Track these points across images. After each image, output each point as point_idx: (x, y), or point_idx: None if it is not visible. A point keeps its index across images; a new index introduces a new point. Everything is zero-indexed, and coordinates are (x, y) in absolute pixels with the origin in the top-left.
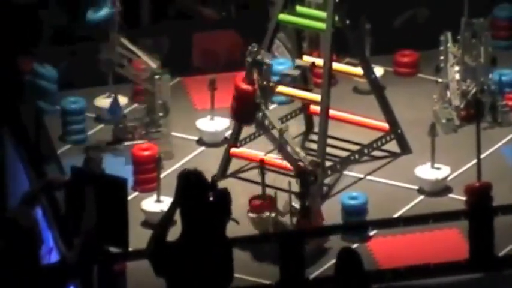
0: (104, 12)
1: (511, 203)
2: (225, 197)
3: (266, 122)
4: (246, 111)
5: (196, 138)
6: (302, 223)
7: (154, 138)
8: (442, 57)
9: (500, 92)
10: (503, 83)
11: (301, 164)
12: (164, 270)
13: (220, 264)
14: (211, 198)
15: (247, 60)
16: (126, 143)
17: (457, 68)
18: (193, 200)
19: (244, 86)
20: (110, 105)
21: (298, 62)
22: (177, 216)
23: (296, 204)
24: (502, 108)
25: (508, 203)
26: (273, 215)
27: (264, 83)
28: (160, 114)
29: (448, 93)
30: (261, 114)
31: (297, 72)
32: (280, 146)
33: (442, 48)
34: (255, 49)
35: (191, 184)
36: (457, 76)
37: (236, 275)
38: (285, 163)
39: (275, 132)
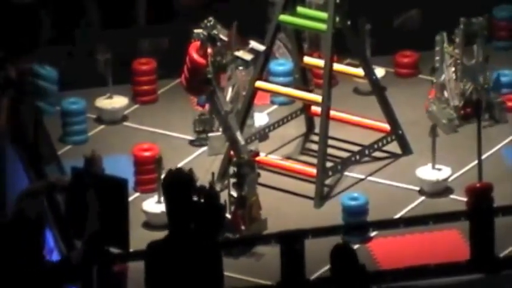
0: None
1: (511, 204)
2: (211, 197)
3: (216, 100)
4: (194, 82)
5: (194, 138)
6: (238, 213)
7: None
8: (437, 58)
9: (496, 91)
10: (503, 84)
11: (239, 153)
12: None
13: (207, 268)
14: (200, 200)
15: (203, 33)
16: (210, 134)
17: (453, 68)
18: (175, 199)
19: (197, 57)
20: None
21: (252, 44)
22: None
23: (234, 193)
24: (499, 106)
25: (508, 204)
26: None
27: (217, 59)
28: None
29: (446, 93)
30: (211, 89)
31: (249, 57)
32: (225, 128)
33: (437, 48)
34: (211, 23)
35: (172, 182)
36: (453, 76)
37: (236, 276)
38: (283, 163)
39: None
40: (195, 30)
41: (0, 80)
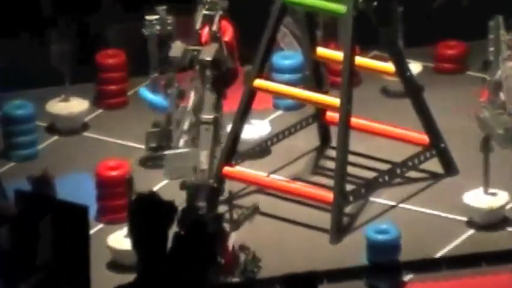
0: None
1: None
2: (197, 227)
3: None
4: None
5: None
6: None
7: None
8: (491, 49)
9: None
10: None
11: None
12: None
13: None
14: (182, 231)
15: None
16: (166, 152)
17: (511, 62)
18: (147, 230)
19: None
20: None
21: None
22: None
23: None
24: None
25: None
26: None
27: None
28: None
29: (502, 95)
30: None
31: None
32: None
33: (491, 36)
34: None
35: (141, 209)
36: None
37: None
38: (290, 186)
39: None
40: (147, 17)
41: None
